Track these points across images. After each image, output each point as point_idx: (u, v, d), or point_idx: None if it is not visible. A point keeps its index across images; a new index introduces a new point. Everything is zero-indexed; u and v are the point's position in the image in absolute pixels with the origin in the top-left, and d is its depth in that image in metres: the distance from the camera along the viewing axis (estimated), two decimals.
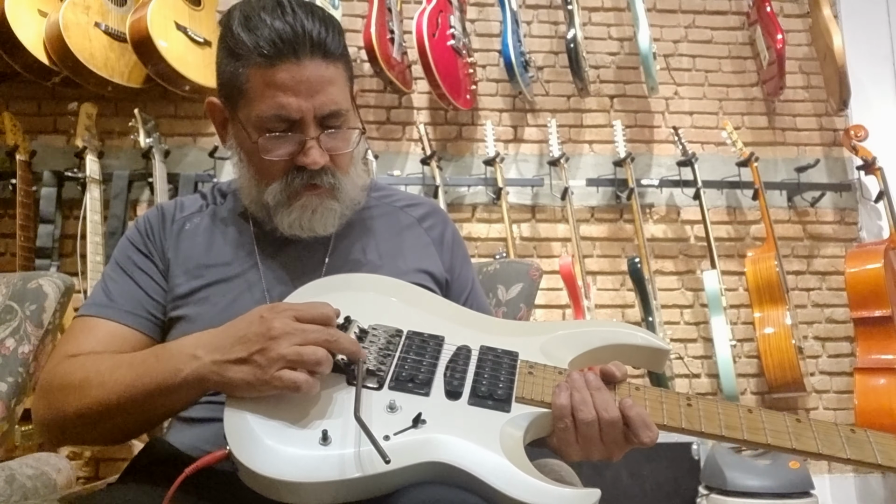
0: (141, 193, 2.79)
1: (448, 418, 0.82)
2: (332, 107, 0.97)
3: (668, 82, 3.09)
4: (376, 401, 0.83)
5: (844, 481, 2.90)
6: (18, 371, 1.38)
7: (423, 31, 2.63)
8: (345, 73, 1.00)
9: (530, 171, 3.00)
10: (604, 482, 2.49)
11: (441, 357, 0.89)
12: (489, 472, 0.77)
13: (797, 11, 3.22)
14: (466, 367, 0.88)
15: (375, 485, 0.76)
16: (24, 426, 2.17)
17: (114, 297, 1.02)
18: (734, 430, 0.85)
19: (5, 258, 2.69)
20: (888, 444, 0.84)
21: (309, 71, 0.95)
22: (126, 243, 1.08)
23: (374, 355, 0.87)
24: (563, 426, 0.83)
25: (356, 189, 1.06)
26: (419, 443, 0.79)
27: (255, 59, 0.95)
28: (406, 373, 0.86)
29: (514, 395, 0.86)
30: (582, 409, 0.83)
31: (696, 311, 2.96)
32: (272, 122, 0.97)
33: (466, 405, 0.84)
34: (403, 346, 0.90)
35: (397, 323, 0.93)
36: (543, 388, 0.86)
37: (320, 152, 0.98)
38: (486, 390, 0.85)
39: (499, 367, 0.89)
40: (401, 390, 0.84)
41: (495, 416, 0.83)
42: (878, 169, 2.86)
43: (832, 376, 2.96)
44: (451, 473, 0.78)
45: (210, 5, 2.81)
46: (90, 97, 2.64)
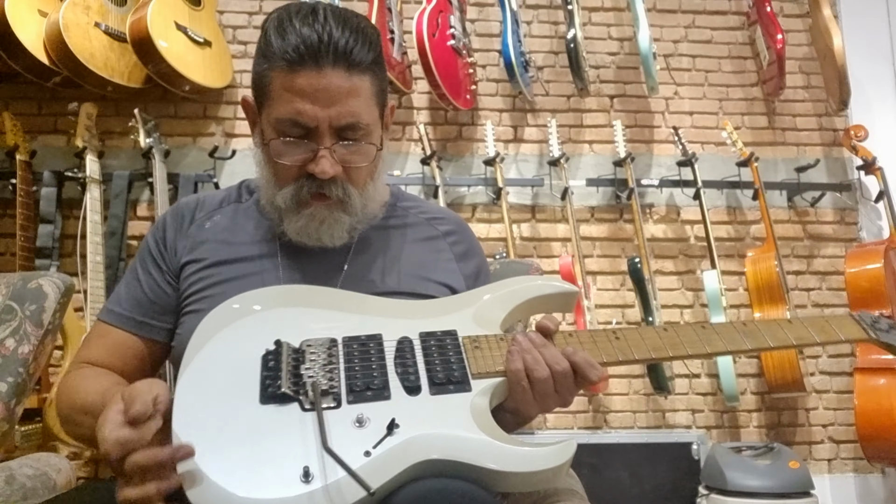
0: (141, 193, 2.79)
1: (418, 415, 0.82)
2: (349, 119, 0.96)
3: (668, 82, 3.09)
4: (341, 419, 0.81)
5: (844, 481, 2.90)
6: (18, 371, 1.38)
7: (423, 31, 2.63)
8: (371, 88, 0.99)
9: (530, 171, 3.00)
10: (604, 482, 2.49)
11: (386, 356, 0.89)
12: (475, 455, 0.79)
13: (797, 11, 3.22)
14: (414, 358, 0.89)
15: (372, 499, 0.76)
16: (24, 426, 2.17)
17: (123, 302, 1.08)
18: (660, 351, 0.94)
19: (5, 258, 2.69)
20: (774, 329, 0.99)
21: (329, 80, 0.94)
22: (143, 245, 1.12)
23: (320, 374, 0.85)
24: (521, 388, 0.87)
25: (373, 204, 1.06)
26: (400, 448, 0.78)
27: (280, 62, 0.96)
28: (360, 382, 0.85)
29: (469, 373, 0.88)
30: (536, 369, 0.87)
31: (696, 311, 2.96)
32: (288, 126, 0.97)
33: (430, 396, 0.85)
34: (344, 355, 0.88)
35: (329, 332, 0.91)
36: (493, 358, 0.90)
37: (331, 163, 0.97)
38: (443, 376, 0.87)
39: (444, 350, 0.91)
40: (361, 401, 0.83)
41: (460, 398, 0.86)
42: (878, 169, 2.86)
43: (832, 376, 2.96)
44: (440, 467, 0.79)
45: (210, 5, 2.81)
46: (90, 97, 2.64)
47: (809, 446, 2.92)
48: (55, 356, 2.41)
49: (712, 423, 2.90)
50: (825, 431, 2.94)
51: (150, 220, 2.73)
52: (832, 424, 2.94)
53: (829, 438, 2.93)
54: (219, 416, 0.80)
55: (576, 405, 2.85)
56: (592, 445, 2.55)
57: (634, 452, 2.54)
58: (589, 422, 2.86)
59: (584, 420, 2.86)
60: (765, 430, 2.91)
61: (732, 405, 2.78)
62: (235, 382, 0.84)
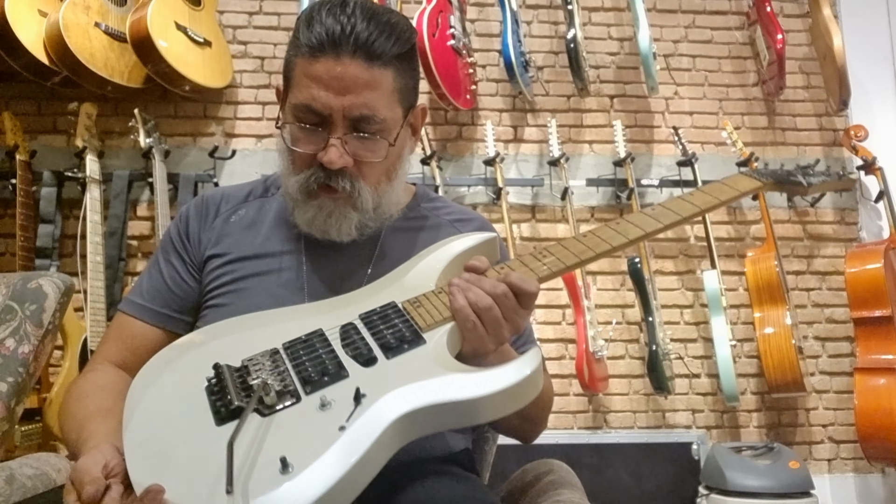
0: (141, 193, 2.79)
1: (381, 379, 0.81)
2: (363, 110, 0.95)
3: (668, 82, 3.09)
4: (304, 410, 0.79)
5: (844, 481, 2.90)
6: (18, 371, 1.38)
7: (423, 31, 2.63)
8: (394, 83, 0.97)
9: (530, 171, 3.00)
10: (604, 482, 2.50)
11: (333, 344, 0.87)
12: (446, 392, 0.77)
13: (797, 11, 3.22)
14: (361, 336, 0.88)
15: (361, 475, 0.73)
16: (24, 426, 2.17)
17: (144, 293, 1.07)
18: (585, 252, 0.97)
19: (5, 258, 2.69)
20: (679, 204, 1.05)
21: (346, 69, 0.94)
22: (166, 236, 1.11)
23: (270, 379, 0.82)
24: (471, 324, 0.86)
25: (388, 205, 1.04)
26: (373, 413, 0.76)
27: (303, 49, 0.96)
28: (313, 371, 0.82)
29: (418, 329, 0.87)
30: (478, 300, 0.86)
31: (696, 311, 2.96)
32: (303, 112, 0.97)
33: (388, 361, 0.84)
34: (290, 357, 0.86)
35: (268, 346, 0.89)
36: (437, 308, 0.90)
37: (340, 153, 0.96)
38: (395, 340, 0.86)
39: (388, 319, 0.90)
40: (320, 388, 0.81)
41: (418, 353, 0.85)
42: (878, 169, 2.86)
43: (832, 376, 2.96)
44: (417, 419, 0.77)
45: (210, 5, 2.81)
46: (90, 97, 2.65)
47: (809, 446, 2.92)
48: (55, 356, 2.41)
49: (712, 423, 2.90)
50: (825, 431, 2.94)
51: (150, 220, 2.73)
52: (832, 424, 2.94)
53: (829, 438, 2.93)
54: (179, 453, 0.76)
55: (576, 405, 2.85)
56: (592, 445, 2.56)
57: (634, 452, 2.54)
58: (589, 422, 2.86)
59: (584, 420, 2.86)
60: (765, 430, 2.91)
61: (732, 405, 2.78)
62: (185, 419, 0.80)
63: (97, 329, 2.36)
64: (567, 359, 2.86)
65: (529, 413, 0.99)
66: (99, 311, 2.38)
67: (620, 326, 2.92)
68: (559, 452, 2.36)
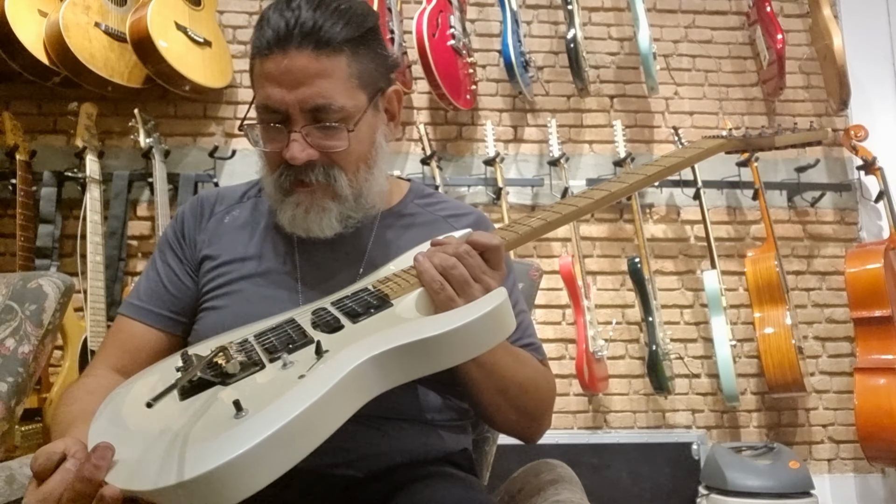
0: (141, 193, 2.79)
1: (347, 339, 0.79)
2: (318, 100, 0.94)
3: (668, 82, 3.09)
4: (268, 374, 0.76)
5: (844, 481, 2.90)
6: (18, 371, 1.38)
7: (423, 31, 2.63)
8: (348, 68, 0.95)
9: (530, 171, 3.00)
10: (604, 482, 2.49)
11: (303, 324, 0.86)
12: (410, 333, 0.75)
13: (797, 11, 3.22)
14: (331, 313, 0.88)
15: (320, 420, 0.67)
16: (24, 426, 2.17)
17: (142, 295, 1.07)
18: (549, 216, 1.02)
19: (5, 258, 2.69)
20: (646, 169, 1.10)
21: (293, 62, 0.93)
22: (162, 238, 1.12)
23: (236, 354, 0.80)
24: (439, 286, 0.85)
25: (370, 195, 1.02)
26: (336, 361, 0.72)
27: (256, 51, 0.97)
28: (278, 343, 0.81)
29: (387, 296, 0.87)
30: (443, 262, 0.85)
31: (696, 311, 2.96)
32: (263, 112, 0.97)
33: (353, 325, 0.83)
34: (258, 341, 0.85)
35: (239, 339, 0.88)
36: (405, 279, 0.90)
37: (301, 147, 0.95)
38: (363, 306, 0.86)
39: (358, 296, 0.90)
40: (283, 354, 0.78)
41: (385, 314, 0.84)
42: (878, 169, 2.86)
43: (832, 376, 2.96)
44: (382, 364, 0.73)
45: (210, 5, 2.81)
46: (90, 97, 2.64)
47: (809, 446, 2.92)
48: (55, 356, 2.41)
49: (712, 423, 2.90)
50: (825, 431, 2.94)
51: (150, 220, 2.74)
52: (832, 424, 2.94)
53: (829, 438, 2.93)
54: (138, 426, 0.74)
55: (576, 405, 2.85)
56: (592, 445, 2.56)
57: (634, 452, 2.54)
58: (589, 422, 2.86)
59: (584, 420, 2.86)
60: (765, 430, 2.91)
61: (732, 405, 2.78)
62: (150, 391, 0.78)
63: (97, 329, 2.36)
64: (567, 359, 2.86)
65: (525, 406, 0.99)
66: (99, 311, 2.38)
67: (620, 326, 2.92)
68: (559, 452, 2.36)
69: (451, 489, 0.81)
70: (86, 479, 0.66)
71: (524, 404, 0.98)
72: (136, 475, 0.65)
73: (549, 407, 1.04)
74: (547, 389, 1.03)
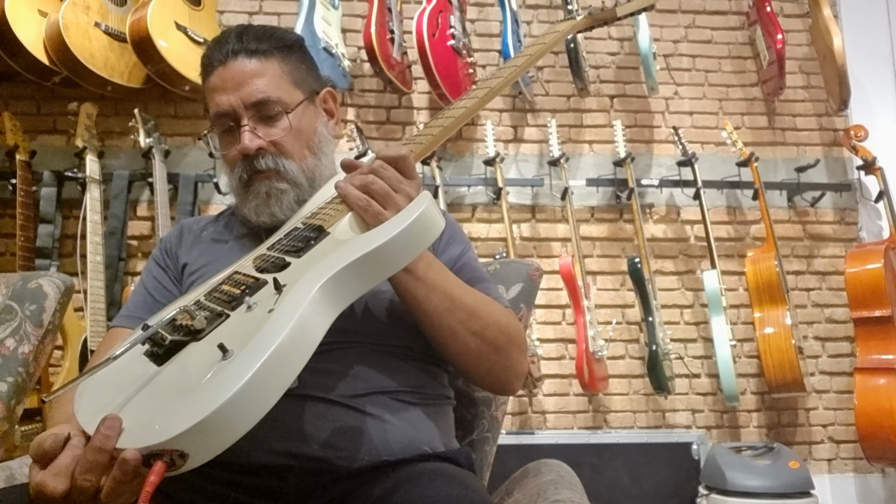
0: (141, 193, 2.79)
1: (300, 272, 0.84)
2: (258, 95, 1.07)
3: (668, 82, 3.09)
4: (237, 319, 0.80)
5: (844, 481, 2.90)
6: (18, 371, 1.38)
7: (423, 31, 2.63)
8: (280, 69, 1.10)
9: (530, 171, 3.00)
10: (604, 482, 2.49)
11: (248, 272, 0.92)
12: (356, 251, 0.81)
13: (797, 11, 3.22)
14: (273, 255, 0.94)
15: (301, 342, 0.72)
16: (24, 426, 2.17)
17: (130, 306, 1.16)
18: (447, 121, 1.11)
19: (5, 258, 2.69)
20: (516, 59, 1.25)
21: (232, 69, 1.08)
22: (150, 260, 1.22)
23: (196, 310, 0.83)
24: (365, 203, 0.91)
25: (321, 178, 1.12)
26: (296, 291, 0.78)
27: (203, 77, 1.13)
28: (234, 292, 0.85)
29: (322, 227, 0.94)
30: (362, 180, 0.93)
31: (696, 311, 2.96)
32: (217, 120, 1.10)
33: (300, 259, 0.89)
34: (212, 299, 0.88)
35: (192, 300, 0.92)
36: (332, 208, 0.98)
37: (251, 137, 1.07)
38: (302, 241, 0.92)
39: (292, 234, 0.97)
40: (243, 300, 0.82)
41: (326, 241, 0.91)
42: (878, 169, 2.86)
43: (832, 376, 2.96)
44: (341, 281, 0.79)
45: (210, 5, 2.81)
46: (90, 97, 2.65)
47: (809, 446, 2.92)
48: (55, 356, 2.41)
49: (712, 423, 2.90)
50: (825, 431, 2.94)
51: (150, 220, 2.73)
52: (832, 424, 2.94)
53: (829, 438, 2.94)
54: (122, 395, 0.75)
55: (576, 405, 2.85)
56: (592, 445, 2.56)
57: (634, 452, 2.54)
58: (589, 422, 2.86)
59: (584, 420, 2.86)
60: (765, 430, 2.92)
61: (732, 405, 2.78)
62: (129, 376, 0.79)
63: (97, 329, 2.36)
64: (567, 359, 2.86)
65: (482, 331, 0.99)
66: (99, 311, 2.38)
67: (620, 326, 2.92)
68: (559, 452, 2.36)
69: (448, 486, 0.82)
70: (98, 448, 0.68)
71: (480, 329, 0.99)
72: (148, 431, 0.67)
73: (513, 339, 1.03)
74: (506, 318, 1.03)
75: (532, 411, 2.83)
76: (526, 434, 2.62)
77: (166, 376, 0.75)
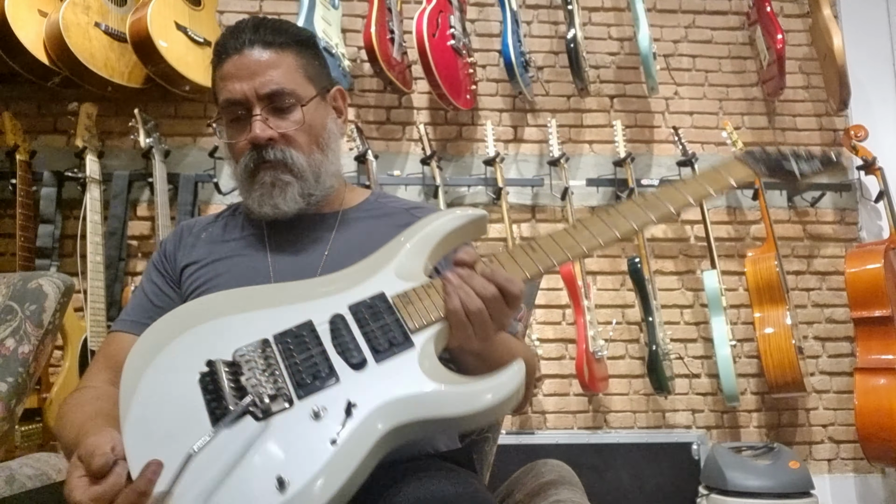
0: (141, 193, 2.79)
1: (371, 388, 0.83)
2: (272, 86, 1.07)
3: (668, 82, 3.09)
4: (297, 418, 0.81)
5: (844, 481, 2.90)
6: (18, 371, 1.38)
7: (423, 31, 2.63)
8: (295, 62, 1.10)
9: (530, 171, 3.00)
10: (604, 482, 2.49)
11: (323, 340, 0.88)
12: (435, 408, 0.81)
13: (797, 11, 3.22)
14: (351, 333, 0.89)
15: (353, 485, 0.77)
16: (24, 426, 2.17)
17: (129, 311, 1.15)
18: (574, 248, 0.97)
19: (5, 258, 2.69)
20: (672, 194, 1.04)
21: (247, 57, 1.08)
22: (149, 263, 1.21)
23: (263, 380, 0.83)
24: (462, 325, 0.89)
25: (326, 176, 1.12)
26: (363, 426, 0.79)
27: (215, 65, 1.12)
28: (305, 374, 0.84)
29: (407, 330, 0.89)
30: (469, 302, 0.88)
31: (696, 311, 2.96)
32: (227, 107, 1.09)
33: (377, 365, 0.86)
34: (281, 353, 0.87)
35: (259, 334, 0.89)
36: (426, 308, 0.91)
37: (262, 126, 1.06)
38: (384, 341, 0.87)
39: (377, 314, 0.90)
40: (312, 392, 0.83)
41: (407, 357, 0.86)
42: (878, 169, 2.86)
43: (832, 376, 2.96)
44: (405, 431, 0.81)
45: (210, 5, 2.81)
46: (90, 97, 2.64)
47: (809, 446, 2.92)
48: (55, 356, 2.41)
49: (712, 423, 2.90)
50: (825, 431, 2.94)
51: (150, 220, 2.73)
52: (832, 424, 2.94)
53: (829, 438, 2.93)
54: (175, 450, 0.77)
55: (576, 405, 2.85)
56: (592, 445, 2.56)
57: (635, 452, 2.54)
58: (589, 422, 2.86)
59: (584, 420, 2.86)
60: (765, 430, 2.91)
61: (732, 405, 2.78)
62: (182, 417, 0.82)
63: (97, 329, 2.36)
64: (567, 359, 2.86)
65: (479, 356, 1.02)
66: (99, 311, 2.38)
67: (620, 326, 2.92)
68: (559, 452, 2.36)
69: (450, 485, 0.82)
70: (140, 492, 0.74)
71: None
72: None
73: (533, 375, 1.07)
74: (529, 357, 1.06)
75: (532, 411, 2.83)
76: (526, 434, 2.62)
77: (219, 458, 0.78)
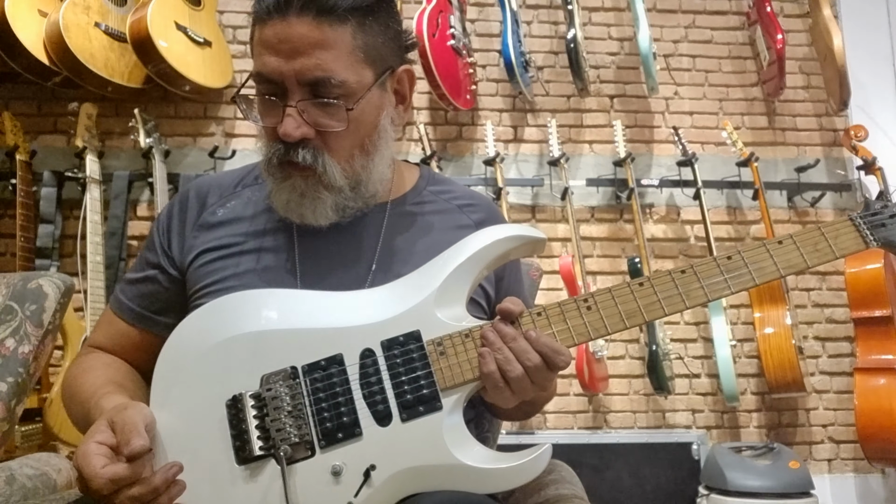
0: (141, 194, 2.79)
1: (393, 449, 0.83)
2: (317, 73, 0.87)
3: (668, 82, 3.09)
4: (317, 470, 0.82)
5: (844, 481, 2.90)
6: (18, 371, 1.38)
7: (423, 31, 2.63)
8: (353, 41, 0.88)
9: (530, 171, 3.00)
10: (604, 482, 2.49)
11: (351, 382, 0.85)
12: (455, 483, 0.82)
13: (797, 11, 3.22)
14: (381, 379, 0.85)
15: None
16: (24, 426, 2.17)
17: (128, 291, 1.06)
18: (634, 317, 0.88)
19: (5, 258, 2.69)
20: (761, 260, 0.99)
21: (293, 29, 0.86)
22: (150, 236, 1.08)
23: (288, 424, 0.83)
24: (498, 389, 0.83)
25: (370, 181, 0.95)
26: (379, 493, 0.81)
27: (255, 17, 0.90)
28: (330, 424, 0.83)
29: (438, 389, 0.85)
30: (509, 369, 0.82)
31: (696, 311, 2.96)
32: (259, 81, 0.91)
33: (402, 424, 0.84)
34: (308, 392, 0.85)
35: (287, 359, 0.86)
36: (461, 366, 0.85)
37: (296, 124, 0.88)
38: (412, 398, 0.84)
39: (410, 361, 0.86)
40: (334, 444, 0.83)
41: (433, 420, 0.84)
42: (878, 169, 2.86)
43: (832, 376, 2.96)
44: (420, 500, 0.81)
45: (210, 5, 2.81)
46: (90, 97, 2.64)
47: (809, 446, 2.92)
48: (55, 356, 2.41)
49: (712, 423, 2.90)
50: (825, 431, 2.94)
51: (150, 220, 2.74)
52: (832, 424, 2.94)
53: (829, 438, 2.93)
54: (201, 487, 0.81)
55: (576, 405, 2.85)
56: (592, 445, 2.55)
57: (635, 452, 2.54)
58: (589, 422, 2.86)
59: (584, 420, 2.86)
60: (765, 430, 2.91)
61: (732, 405, 2.78)
62: (206, 447, 0.84)
63: None
64: None
65: (532, 410, 1.08)
66: (99, 311, 2.38)
67: None
68: (559, 452, 2.35)
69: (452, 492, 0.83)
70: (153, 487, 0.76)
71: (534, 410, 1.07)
72: None
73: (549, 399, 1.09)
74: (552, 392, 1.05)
75: None
76: (526, 434, 2.62)
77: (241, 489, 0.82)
